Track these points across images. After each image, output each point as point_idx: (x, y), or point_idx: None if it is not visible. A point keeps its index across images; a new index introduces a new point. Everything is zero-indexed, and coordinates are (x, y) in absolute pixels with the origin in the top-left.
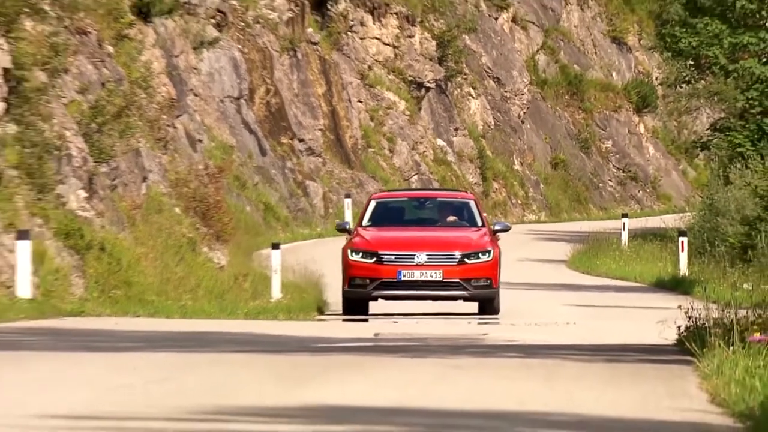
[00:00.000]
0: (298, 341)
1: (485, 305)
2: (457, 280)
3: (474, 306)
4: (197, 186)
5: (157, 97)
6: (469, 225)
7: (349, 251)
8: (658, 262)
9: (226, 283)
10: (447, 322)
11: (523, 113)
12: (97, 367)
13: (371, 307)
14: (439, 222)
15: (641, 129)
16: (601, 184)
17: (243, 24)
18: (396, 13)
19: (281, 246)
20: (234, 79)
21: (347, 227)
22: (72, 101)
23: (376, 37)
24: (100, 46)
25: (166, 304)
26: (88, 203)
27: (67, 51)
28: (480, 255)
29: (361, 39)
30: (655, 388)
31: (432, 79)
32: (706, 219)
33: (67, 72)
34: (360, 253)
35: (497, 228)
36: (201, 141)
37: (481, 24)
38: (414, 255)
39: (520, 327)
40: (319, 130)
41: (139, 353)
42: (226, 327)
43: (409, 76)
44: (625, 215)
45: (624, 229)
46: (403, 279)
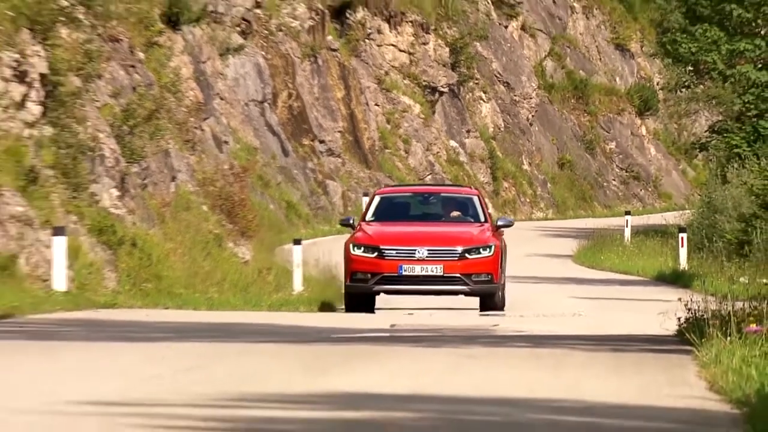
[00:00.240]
0: (318, 332)
1: (486, 300)
2: (457, 275)
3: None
4: (223, 185)
5: (186, 101)
6: (473, 220)
7: (351, 246)
8: (659, 257)
9: (251, 277)
10: (460, 314)
11: (532, 116)
12: (129, 357)
13: (377, 304)
14: (443, 217)
15: (643, 131)
16: (605, 183)
17: (266, 32)
18: (411, 21)
19: (302, 242)
20: (258, 84)
21: (351, 222)
22: (105, 105)
23: (393, 44)
24: (132, 52)
25: (193, 297)
26: (120, 201)
27: (100, 57)
28: (481, 250)
29: (378, 46)
30: (657, 376)
31: (445, 84)
32: (705, 216)
33: (100, 77)
34: (362, 248)
35: (500, 223)
36: (227, 142)
37: (492, 32)
38: (415, 250)
39: (528, 318)
40: (339, 132)
41: (168, 343)
42: (250, 318)
43: (424, 81)
44: (628, 213)
45: (627, 226)
46: (404, 274)
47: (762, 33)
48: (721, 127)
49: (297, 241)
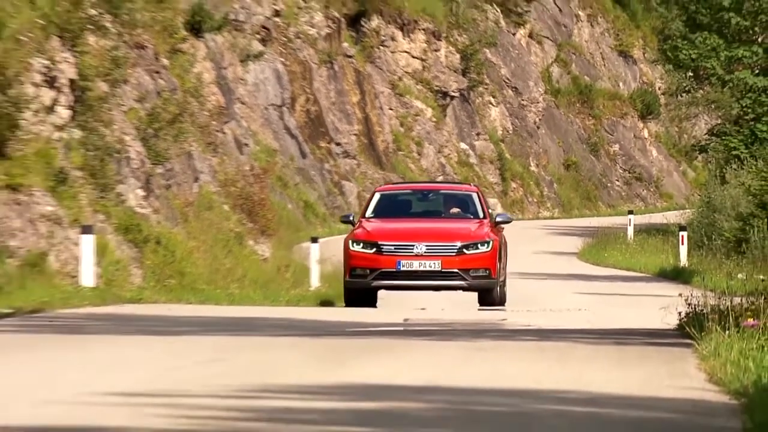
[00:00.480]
0: (335, 326)
1: (484, 295)
2: (455, 270)
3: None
4: (244, 185)
5: (208, 105)
6: (472, 217)
7: (350, 242)
8: (660, 254)
9: (270, 274)
10: (470, 309)
11: (539, 119)
12: (154, 350)
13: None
14: (442, 214)
15: (645, 134)
16: (609, 184)
17: (285, 39)
18: (424, 29)
19: (319, 240)
20: (277, 89)
21: (351, 219)
22: (131, 109)
23: (406, 51)
24: (156, 59)
25: (215, 293)
26: (146, 201)
27: (126, 63)
28: (479, 246)
29: (392, 52)
30: (658, 368)
31: (456, 89)
32: (704, 215)
33: (126, 82)
34: (361, 244)
35: (499, 220)
36: (247, 145)
37: (501, 39)
38: (413, 245)
39: (535, 313)
40: (354, 135)
41: (191, 336)
42: (269, 313)
43: (436, 86)
44: (630, 212)
45: (630, 225)
46: (402, 269)
47: (759, 40)
48: (720, 130)
49: (314, 240)
